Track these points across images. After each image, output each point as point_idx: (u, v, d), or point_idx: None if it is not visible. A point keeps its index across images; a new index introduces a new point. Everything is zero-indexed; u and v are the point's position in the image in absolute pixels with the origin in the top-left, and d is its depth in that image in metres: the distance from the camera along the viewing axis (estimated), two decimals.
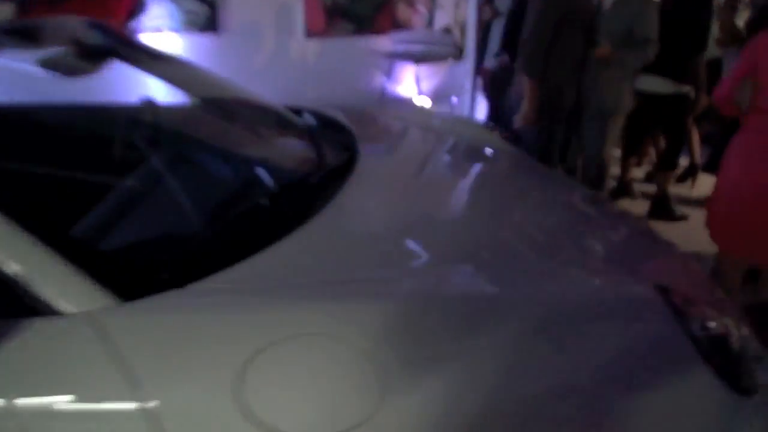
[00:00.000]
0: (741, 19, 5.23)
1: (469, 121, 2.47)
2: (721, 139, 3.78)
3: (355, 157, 1.54)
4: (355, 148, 1.61)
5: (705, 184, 4.12)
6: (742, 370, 1.14)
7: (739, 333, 1.21)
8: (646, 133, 4.12)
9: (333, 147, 1.63)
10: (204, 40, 4.18)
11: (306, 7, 4.78)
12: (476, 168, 1.83)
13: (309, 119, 1.91)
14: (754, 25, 3.93)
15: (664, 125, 3.85)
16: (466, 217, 1.48)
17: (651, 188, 4.53)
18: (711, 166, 3.97)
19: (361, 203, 1.41)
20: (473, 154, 1.94)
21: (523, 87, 3.17)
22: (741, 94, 2.23)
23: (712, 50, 4.33)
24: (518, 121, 3.06)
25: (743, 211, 2.15)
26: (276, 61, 4.66)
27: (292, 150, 1.62)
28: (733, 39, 4.61)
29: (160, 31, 3.89)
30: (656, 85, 3.65)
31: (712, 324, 1.16)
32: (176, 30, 3.99)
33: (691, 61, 3.51)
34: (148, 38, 3.80)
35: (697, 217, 3.03)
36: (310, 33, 4.87)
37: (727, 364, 1.10)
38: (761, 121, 2.15)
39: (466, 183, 1.67)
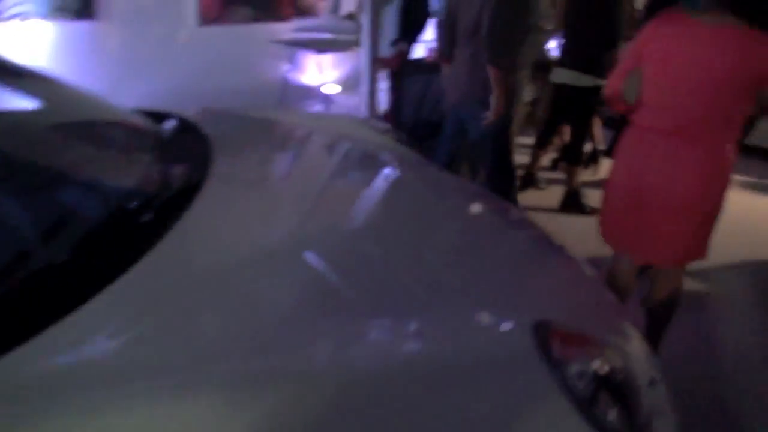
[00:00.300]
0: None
1: (358, 122, 2.22)
2: (621, 123, 3.81)
3: (206, 176, 1.33)
4: (208, 163, 1.39)
5: (608, 169, 4.19)
6: (630, 410, 1.06)
7: (625, 363, 1.13)
8: (559, 125, 4.13)
9: (181, 163, 1.42)
10: (79, 29, 3.79)
11: None
12: (356, 182, 1.56)
13: (169, 126, 1.66)
14: (648, 12, 3.97)
15: (571, 118, 3.83)
16: (329, 258, 1.17)
17: (557, 175, 4.58)
18: (613, 151, 4.02)
19: (203, 238, 1.15)
20: (357, 164, 1.77)
21: (468, 77, 2.91)
22: (628, 88, 2.18)
23: None
24: (490, 116, 2.82)
25: (628, 209, 2.12)
26: (165, 52, 4.32)
27: (124, 172, 1.34)
28: (634, 27, 4.69)
29: (25, 19, 3.48)
30: (568, 77, 3.64)
31: (593, 365, 1.06)
32: (44, 17, 3.58)
33: (602, 53, 3.49)
34: (9, 27, 3.40)
35: None
36: (205, 20, 4.57)
37: (604, 416, 1.01)
38: (646, 117, 2.06)
39: (340, 204, 1.41)
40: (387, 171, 1.75)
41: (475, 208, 1.72)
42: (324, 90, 5.20)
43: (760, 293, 3.15)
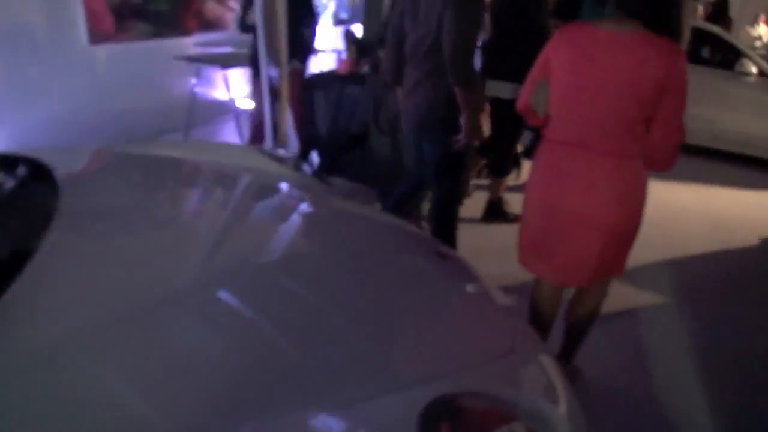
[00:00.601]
0: None
1: (254, 152, 1.95)
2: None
3: (44, 239, 1.10)
4: (49, 222, 1.16)
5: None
6: None
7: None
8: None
9: (17, 222, 1.18)
10: None
11: (87, 9, 4.12)
12: (238, 228, 1.37)
13: (14, 175, 1.41)
14: (558, 16, 3.94)
15: (500, 129, 3.71)
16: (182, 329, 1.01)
17: (481, 182, 4.51)
18: (532, 153, 3.93)
19: (29, 314, 0.96)
20: (246, 202, 1.58)
21: (429, 96, 2.58)
22: (536, 100, 2.08)
23: None
24: (462, 138, 2.54)
25: (542, 228, 2.00)
26: (52, 73, 3.96)
27: None
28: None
29: None
30: (498, 89, 3.52)
31: None
32: None
33: (526, 63, 3.36)
34: None
35: None
36: (96, 38, 4.23)
37: None
38: (554, 131, 1.94)
39: (214, 255, 1.20)
40: (277, 209, 1.57)
41: (379, 244, 1.55)
42: (236, 105, 4.94)
43: (679, 292, 3.16)
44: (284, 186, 1.77)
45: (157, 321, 1.02)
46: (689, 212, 4.35)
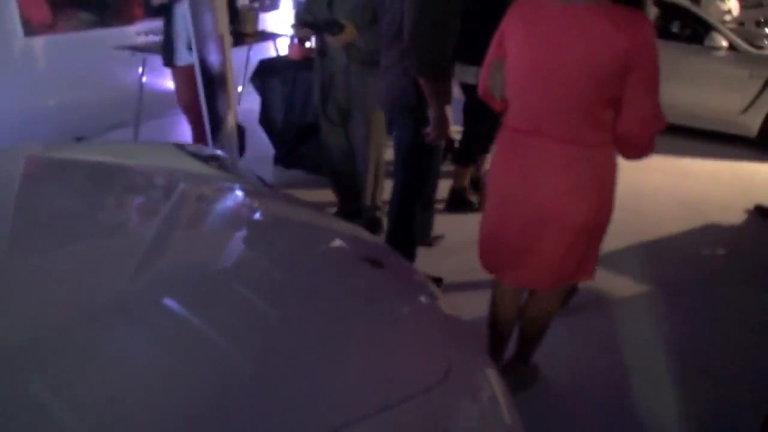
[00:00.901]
0: None
1: (177, 150, 1.73)
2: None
3: None
4: None
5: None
6: None
7: None
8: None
9: None
10: None
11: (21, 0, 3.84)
12: (154, 239, 1.16)
13: None
14: None
15: (467, 116, 3.53)
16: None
17: (446, 168, 4.34)
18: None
19: None
20: (162, 209, 1.38)
21: (398, 82, 2.31)
22: (493, 83, 1.90)
23: None
24: (431, 132, 2.26)
25: (501, 223, 1.80)
26: None
27: None
28: None
29: None
30: (464, 74, 3.31)
31: None
32: None
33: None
34: None
35: None
36: (31, 30, 3.95)
37: None
38: (510, 117, 1.75)
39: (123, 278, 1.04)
40: (181, 215, 1.37)
41: (293, 256, 1.34)
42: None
43: (650, 281, 3.03)
44: (197, 189, 1.57)
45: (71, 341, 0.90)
46: (660, 192, 4.23)
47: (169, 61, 3.54)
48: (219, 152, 1.98)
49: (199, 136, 3.63)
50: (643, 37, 1.49)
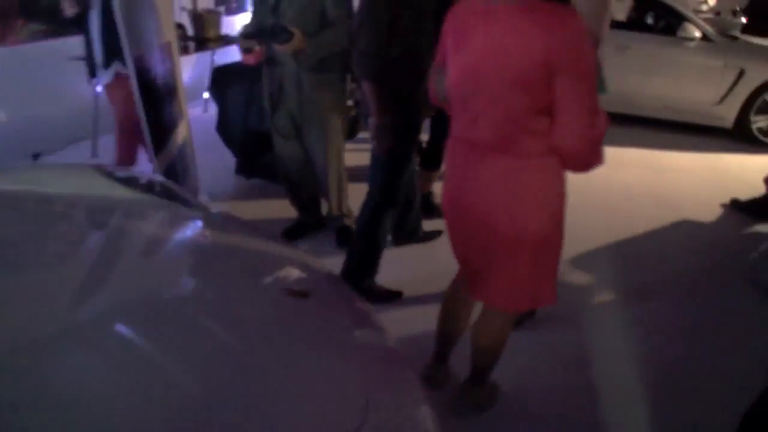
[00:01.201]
0: None
1: (93, 172, 1.57)
2: None
3: None
4: None
5: None
6: None
7: None
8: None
9: None
10: None
11: None
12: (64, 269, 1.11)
13: None
14: None
15: (433, 121, 3.40)
16: None
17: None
18: None
19: None
20: (74, 238, 1.26)
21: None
22: (438, 87, 1.79)
23: None
24: (377, 149, 2.23)
25: (455, 234, 1.71)
26: None
27: None
28: None
29: None
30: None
31: None
32: None
33: None
34: None
35: None
36: None
37: None
38: (453, 125, 1.64)
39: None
40: (96, 244, 1.25)
41: (210, 287, 1.22)
42: None
43: (623, 282, 2.91)
44: (117, 216, 1.44)
45: None
46: (634, 189, 4.14)
47: (93, 75, 3.29)
48: (157, 177, 1.85)
49: (126, 155, 3.25)
50: (565, 36, 1.32)
